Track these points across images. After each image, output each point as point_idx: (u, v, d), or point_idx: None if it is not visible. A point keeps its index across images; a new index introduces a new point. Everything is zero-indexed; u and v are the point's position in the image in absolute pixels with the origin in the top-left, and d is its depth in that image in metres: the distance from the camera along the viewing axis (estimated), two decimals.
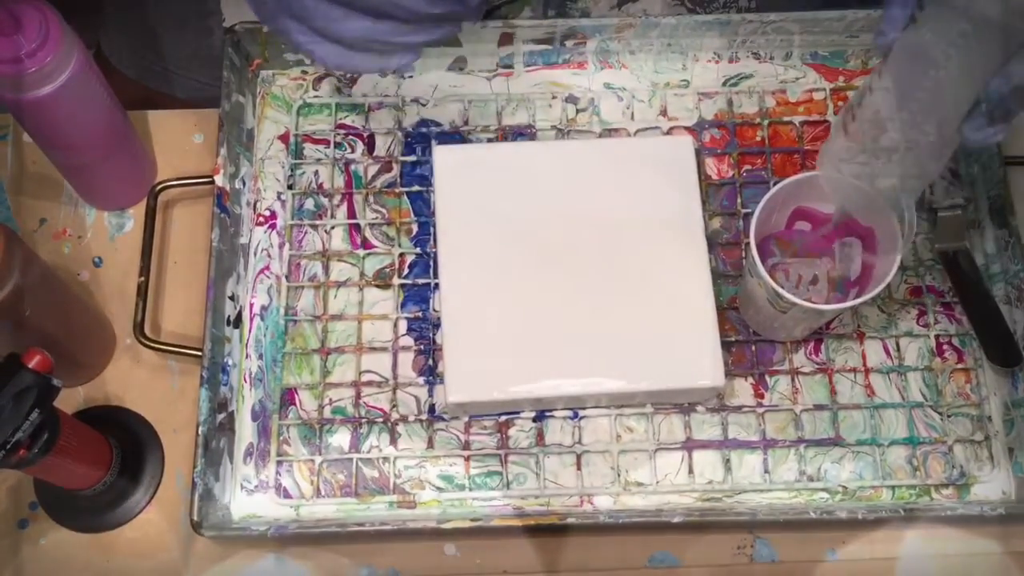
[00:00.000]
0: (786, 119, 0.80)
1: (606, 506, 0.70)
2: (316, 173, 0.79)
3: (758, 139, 0.80)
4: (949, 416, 0.73)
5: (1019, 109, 0.54)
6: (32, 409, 0.58)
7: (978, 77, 0.53)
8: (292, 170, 0.79)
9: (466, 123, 0.80)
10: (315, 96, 0.81)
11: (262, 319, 0.75)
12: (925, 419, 0.73)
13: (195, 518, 0.66)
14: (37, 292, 0.64)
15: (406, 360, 0.74)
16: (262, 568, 0.70)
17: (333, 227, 0.77)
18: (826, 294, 0.70)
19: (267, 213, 0.77)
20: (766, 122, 0.80)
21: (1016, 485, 0.71)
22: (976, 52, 0.52)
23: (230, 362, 0.72)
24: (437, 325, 0.74)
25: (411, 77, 0.81)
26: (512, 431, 0.72)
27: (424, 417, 0.72)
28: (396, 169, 0.79)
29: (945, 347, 0.74)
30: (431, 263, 0.76)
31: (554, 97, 0.81)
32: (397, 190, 0.78)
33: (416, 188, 0.78)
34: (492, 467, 0.71)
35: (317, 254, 0.76)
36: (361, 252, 0.76)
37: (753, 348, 0.74)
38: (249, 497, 0.70)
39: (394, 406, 0.72)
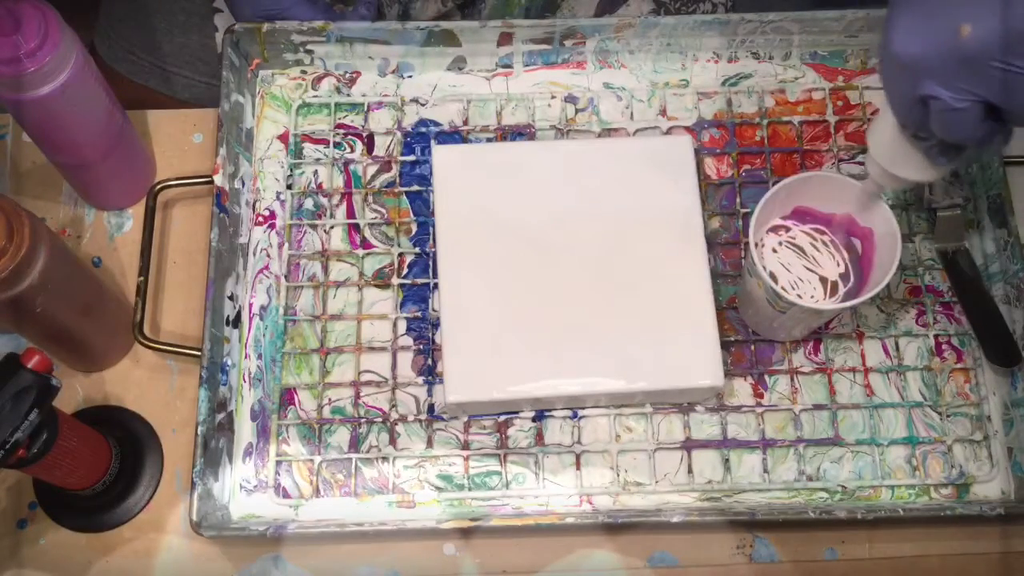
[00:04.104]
0: (785, 119, 0.80)
1: (605, 506, 0.70)
2: (315, 173, 0.79)
3: (757, 139, 0.80)
4: (948, 416, 0.73)
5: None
6: (31, 409, 0.58)
7: None
8: (291, 170, 0.79)
9: (465, 123, 0.80)
10: (314, 96, 0.81)
11: (261, 319, 0.75)
12: (924, 419, 0.73)
13: (194, 518, 0.66)
14: (61, 273, 0.65)
15: (405, 360, 0.74)
16: (261, 568, 0.70)
17: (332, 227, 0.77)
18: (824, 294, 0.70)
19: (266, 213, 0.77)
20: (765, 122, 0.80)
21: (1015, 485, 0.71)
22: None
23: (229, 362, 0.72)
24: (436, 325, 0.74)
25: (411, 77, 0.81)
26: (511, 431, 0.72)
27: (423, 417, 0.72)
28: (395, 169, 0.79)
29: (944, 347, 0.74)
30: (430, 263, 0.76)
31: (553, 97, 0.81)
32: (396, 190, 0.78)
33: (415, 188, 0.78)
34: (491, 467, 0.71)
35: (316, 254, 0.76)
36: (360, 252, 0.76)
37: (752, 348, 0.74)
38: (248, 497, 0.70)
39: (393, 406, 0.72)
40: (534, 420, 0.72)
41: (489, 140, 0.79)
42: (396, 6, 0.83)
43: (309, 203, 0.78)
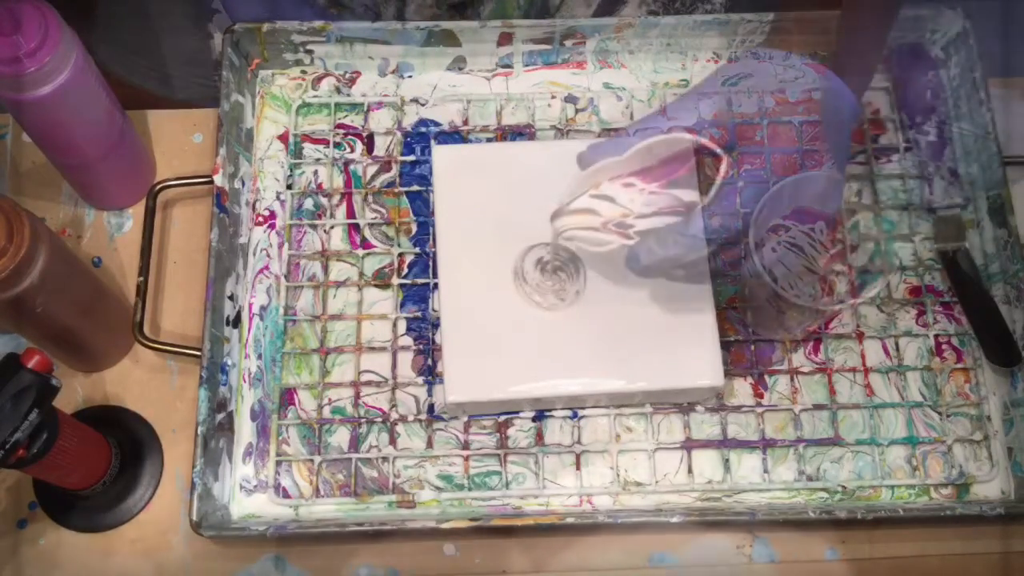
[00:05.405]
0: (785, 119, 0.80)
1: (605, 506, 0.70)
2: (315, 173, 0.79)
3: (757, 139, 0.80)
4: (948, 416, 0.73)
5: None
6: (31, 409, 0.58)
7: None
8: (291, 170, 0.79)
9: (465, 123, 0.80)
10: (314, 96, 0.81)
11: (261, 319, 0.75)
12: (924, 419, 0.73)
13: (194, 518, 0.66)
14: (61, 273, 0.65)
15: (405, 360, 0.74)
16: (261, 568, 0.70)
17: (332, 227, 0.77)
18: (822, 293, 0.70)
19: (266, 213, 0.77)
20: (765, 122, 0.80)
21: (1015, 485, 0.71)
22: None
23: (229, 362, 0.72)
24: (436, 325, 0.74)
25: (411, 77, 0.81)
26: (511, 431, 0.72)
27: (423, 417, 0.72)
28: (395, 169, 0.79)
29: (944, 347, 0.74)
30: (430, 263, 0.76)
31: (553, 97, 0.81)
32: (396, 190, 0.78)
33: (415, 188, 0.78)
34: (491, 467, 0.71)
35: (316, 254, 0.76)
36: (360, 252, 0.76)
37: (752, 348, 0.74)
38: (248, 497, 0.70)
39: (393, 406, 0.72)
40: (534, 420, 0.72)
41: (489, 140, 0.79)
42: (391, 8, 0.83)
43: (309, 203, 0.78)
